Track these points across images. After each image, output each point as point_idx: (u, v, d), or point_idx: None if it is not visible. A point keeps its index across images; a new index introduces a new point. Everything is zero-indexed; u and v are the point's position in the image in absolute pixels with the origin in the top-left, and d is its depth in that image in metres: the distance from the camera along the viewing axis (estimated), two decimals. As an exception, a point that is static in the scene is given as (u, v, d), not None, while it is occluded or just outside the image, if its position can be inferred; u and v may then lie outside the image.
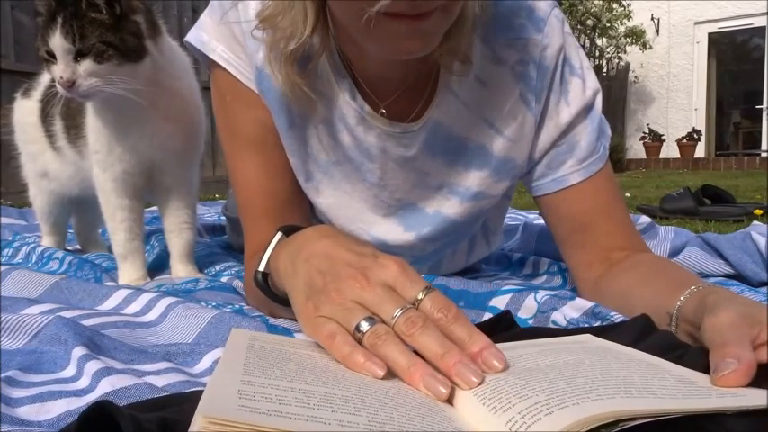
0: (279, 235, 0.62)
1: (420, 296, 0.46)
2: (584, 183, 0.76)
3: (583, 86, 0.75)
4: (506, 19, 0.72)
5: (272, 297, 0.62)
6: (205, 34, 0.75)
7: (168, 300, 0.73)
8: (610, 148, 0.80)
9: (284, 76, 0.67)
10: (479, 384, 0.40)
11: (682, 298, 0.56)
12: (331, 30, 0.66)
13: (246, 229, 0.79)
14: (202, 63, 0.79)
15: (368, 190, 0.79)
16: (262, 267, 0.62)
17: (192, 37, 0.77)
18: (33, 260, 1.13)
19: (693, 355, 0.46)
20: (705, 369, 0.42)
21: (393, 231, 0.82)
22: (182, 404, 0.39)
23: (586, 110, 0.76)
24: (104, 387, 0.48)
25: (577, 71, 0.75)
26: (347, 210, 0.81)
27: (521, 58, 0.72)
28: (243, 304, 0.80)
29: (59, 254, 1.11)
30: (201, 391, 0.35)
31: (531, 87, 0.73)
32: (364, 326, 0.44)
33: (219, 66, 0.75)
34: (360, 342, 0.44)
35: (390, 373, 0.42)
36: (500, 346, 0.44)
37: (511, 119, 0.74)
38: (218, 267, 1.08)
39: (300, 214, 0.81)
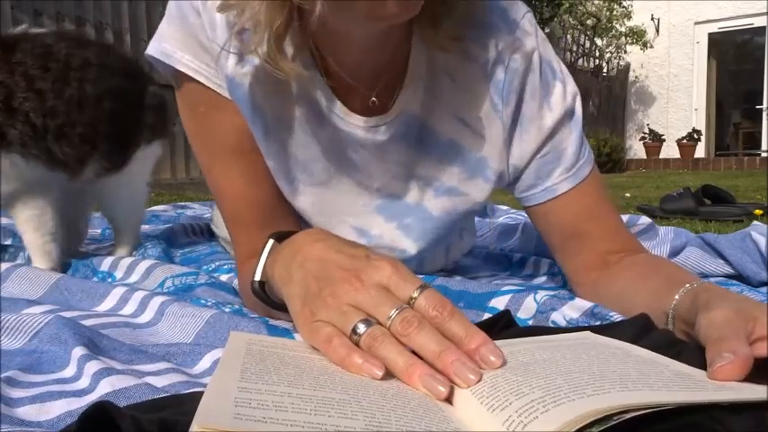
0: (271, 242, 0.62)
1: (414, 294, 0.46)
2: (573, 190, 0.75)
3: (563, 91, 0.75)
4: (477, 16, 0.71)
5: (271, 305, 0.62)
6: (168, 45, 0.70)
7: (161, 298, 0.73)
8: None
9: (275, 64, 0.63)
10: (478, 382, 0.40)
11: (676, 297, 0.56)
12: (295, 23, 0.62)
13: (235, 238, 0.77)
14: (168, 76, 0.73)
15: (347, 181, 0.78)
16: (258, 277, 0.62)
17: (152, 49, 0.71)
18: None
19: (692, 351, 0.46)
20: (703, 366, 0.42)
21: (374, 221, 0.81)
22: (181, 405, 0.39)
23: (569, 115, 0.75)
24: (104, 387, 0.48)
25: (558, 75, 0.75)
26: (327, 204, 0.79)
27: (490, 58, 0.72)
28: (242, 305, 0.80)
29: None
30: (201, 392, 0.35)
31: (498, 90, 0.73)
32: (361, 328, 0.44)
33: (188, 77, 0.71)
34: (357, 345, 0.44)
35: (389, 374, 0.42)
36: (497, 342, 0.44)
37: (482, 118, 0.74)
38: (217, 263, 1.07)
39: (290, 219, 0.79)
